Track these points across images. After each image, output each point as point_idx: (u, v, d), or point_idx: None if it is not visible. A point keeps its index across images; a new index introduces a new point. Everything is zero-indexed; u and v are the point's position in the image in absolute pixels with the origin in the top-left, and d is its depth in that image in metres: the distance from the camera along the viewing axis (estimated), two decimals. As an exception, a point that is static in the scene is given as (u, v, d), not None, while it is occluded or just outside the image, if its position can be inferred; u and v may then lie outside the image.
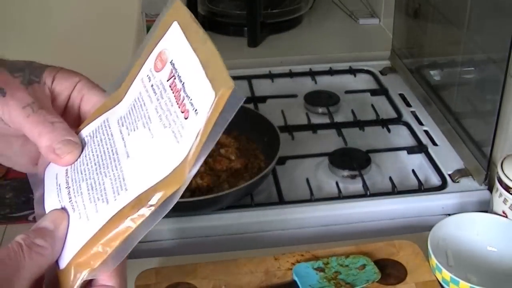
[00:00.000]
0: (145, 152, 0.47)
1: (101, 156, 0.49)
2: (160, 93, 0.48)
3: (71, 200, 0.48)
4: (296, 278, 0.75)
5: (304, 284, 0.74)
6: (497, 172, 0.82)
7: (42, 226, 0.46)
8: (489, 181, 0.93)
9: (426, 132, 1.09)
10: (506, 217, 0.81)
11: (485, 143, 0.94)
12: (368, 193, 0.93)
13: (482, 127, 0.96)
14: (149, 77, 0.50)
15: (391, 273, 0.76)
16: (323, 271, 0.76)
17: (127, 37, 1.47)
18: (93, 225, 0.46)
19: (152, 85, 0.49)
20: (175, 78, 0.47)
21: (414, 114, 1.14)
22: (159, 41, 0.50)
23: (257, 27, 1.44)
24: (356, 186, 0.96)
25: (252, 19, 1.43)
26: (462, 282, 0.71)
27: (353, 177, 0.97)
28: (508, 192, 0.80)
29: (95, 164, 0.49)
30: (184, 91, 0.46)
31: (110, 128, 0.51)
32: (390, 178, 0.96)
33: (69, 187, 0.49)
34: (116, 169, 0.47)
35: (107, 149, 0.49)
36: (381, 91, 1.23)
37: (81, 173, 0.49)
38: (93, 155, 0.50)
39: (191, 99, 0.45)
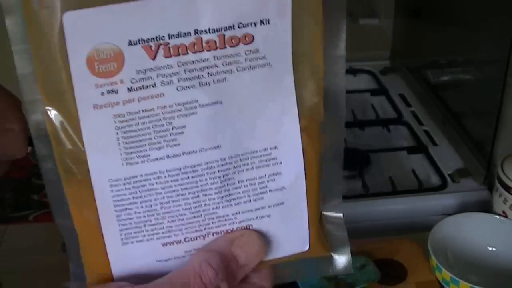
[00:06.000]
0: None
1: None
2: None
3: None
4: (296, 278, 0.75)
5: (304, 284, 0.74)
6: (497, 172, 0.82)
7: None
8: (489, 181, 0.93)
9: (426, 132, 1.09)
10: (506, 217, 0.81)
11: (485, 143, 0.93)
12: (368, 193, 0.93)
13: (482, 127, 0.96)
14: (98, 85, 0.36)
15: (391, 273, 0.76)
16: (323, 271, 0.76)
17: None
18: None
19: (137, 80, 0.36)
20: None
21: (414, 114, 1.14)
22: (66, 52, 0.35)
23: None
24: (356, 186, 0.96)
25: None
26: (462, 282, 0.71)
27: (353, 177, 0.97)
28: (508, 192, 0.80)
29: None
30: (225, 29, 0.36)
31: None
32: (390, 178, 0.96)
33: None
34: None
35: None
36: (381, 91, 1.23)
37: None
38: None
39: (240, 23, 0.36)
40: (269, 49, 0.37)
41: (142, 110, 0.36)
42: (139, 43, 0.35)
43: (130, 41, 0.35)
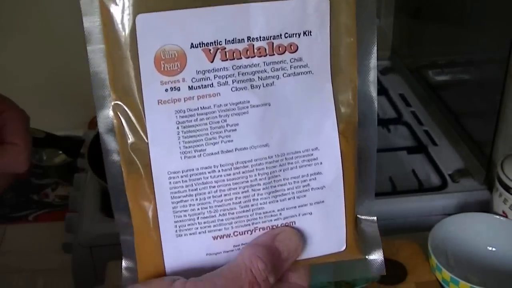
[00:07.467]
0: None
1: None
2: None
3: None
4: (296, 278, 0.75)
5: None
6: (497, 172, 0.82)
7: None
8: (489, 181, 0.93)
9: (426, 132, 1.09)
10: (506, 217, 0.81)
11: (485, 143, 0.94)
12: (368, 193, 0.93)
13: (482, 127, 0.96)
14: (170, 86, 0.40)
15: (391, 273, 0.76)
16: (323, 271, 0.76)
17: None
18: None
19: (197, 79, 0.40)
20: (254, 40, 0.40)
21: (414, 114, 1.14)
22: (136, 49, 0.39)
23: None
24: (356, 186, 0.96)
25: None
26: (462, 282, 0.71)
27: (353, 177, 0.98)
28: (508, 192, 0.80)
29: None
30: (273, 37, 0.40)
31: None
32: (390, 178, 0.96)
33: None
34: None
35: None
36: (381, 91, 1.23)
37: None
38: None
39: (286, 33, 0.40)
40: (311, 58, 0.41)
41: (201, 107, 0.40)
42: (200, 46, 0.39)
43: (192, 44, 0.39)
